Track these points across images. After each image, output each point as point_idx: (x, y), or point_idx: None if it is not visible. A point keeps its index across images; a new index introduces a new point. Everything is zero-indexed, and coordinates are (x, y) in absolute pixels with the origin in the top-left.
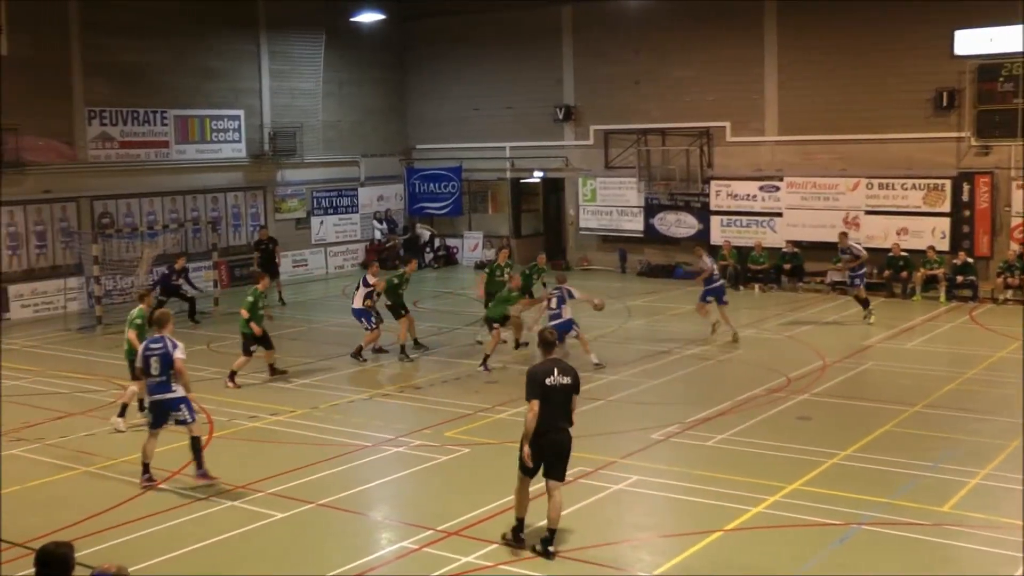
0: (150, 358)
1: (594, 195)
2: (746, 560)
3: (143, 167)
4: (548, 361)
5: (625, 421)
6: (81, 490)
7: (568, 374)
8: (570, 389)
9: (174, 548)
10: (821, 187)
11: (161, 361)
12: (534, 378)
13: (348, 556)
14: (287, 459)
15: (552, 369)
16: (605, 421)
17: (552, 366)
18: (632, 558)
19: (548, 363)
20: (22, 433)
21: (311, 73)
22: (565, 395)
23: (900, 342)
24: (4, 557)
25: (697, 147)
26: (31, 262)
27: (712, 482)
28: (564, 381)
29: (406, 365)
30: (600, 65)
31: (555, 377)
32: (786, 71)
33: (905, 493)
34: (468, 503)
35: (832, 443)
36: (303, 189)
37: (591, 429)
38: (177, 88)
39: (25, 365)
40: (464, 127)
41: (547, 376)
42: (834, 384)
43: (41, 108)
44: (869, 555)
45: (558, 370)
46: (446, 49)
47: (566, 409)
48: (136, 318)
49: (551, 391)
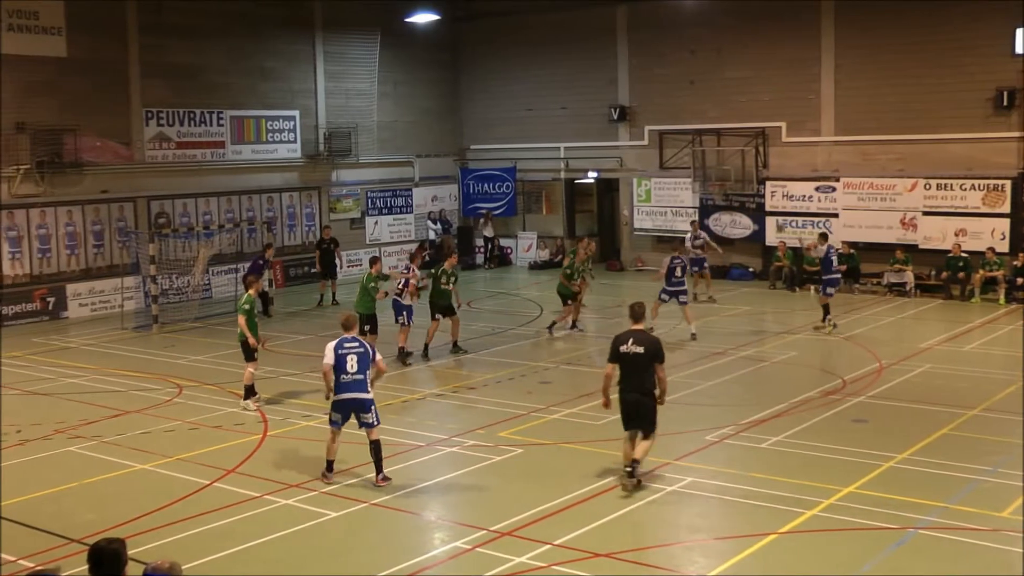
0: (346, 356)
1: (649, 195)
2: (801, 564)
3: (199, 167)
4: (628, 331)
5: (680, 423)
6: (137, 487)
7: (642, 344)
8: (644, 357)
9: (228, 546)
10: (878, 188)
11: (359, 360)
12: (613, 345)
13: (401, 556)
14: (341, 459)
15: (628, 339)
16: (660, 422)
17: (629, 336)
18: (686, 560)
19: (627, 333)
20: (79, 430)
21: (366, 73)
22: (639, 362)
23: (958, 344)
24: (62, 552)
25: (752, 147)
26: (89, 261)
27: (767, 484)
28: (637, 350)
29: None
30: (655, 65)
31: (629, 346)
32: (842, 70)
33: (963, 498)
34: (521, 503)
35: (888, 446)
36: (358, 189)
37: None
38: (233, 89)
39: (82, 363)
40: (518, 127)
41: (622, 344)
42: (890, 386)
43: (99, 109)
44: (925, 560)
45: (633, 340)
46: (500, 49)
47: (643, 374)
48: (245, 303)
49: (624, 357)
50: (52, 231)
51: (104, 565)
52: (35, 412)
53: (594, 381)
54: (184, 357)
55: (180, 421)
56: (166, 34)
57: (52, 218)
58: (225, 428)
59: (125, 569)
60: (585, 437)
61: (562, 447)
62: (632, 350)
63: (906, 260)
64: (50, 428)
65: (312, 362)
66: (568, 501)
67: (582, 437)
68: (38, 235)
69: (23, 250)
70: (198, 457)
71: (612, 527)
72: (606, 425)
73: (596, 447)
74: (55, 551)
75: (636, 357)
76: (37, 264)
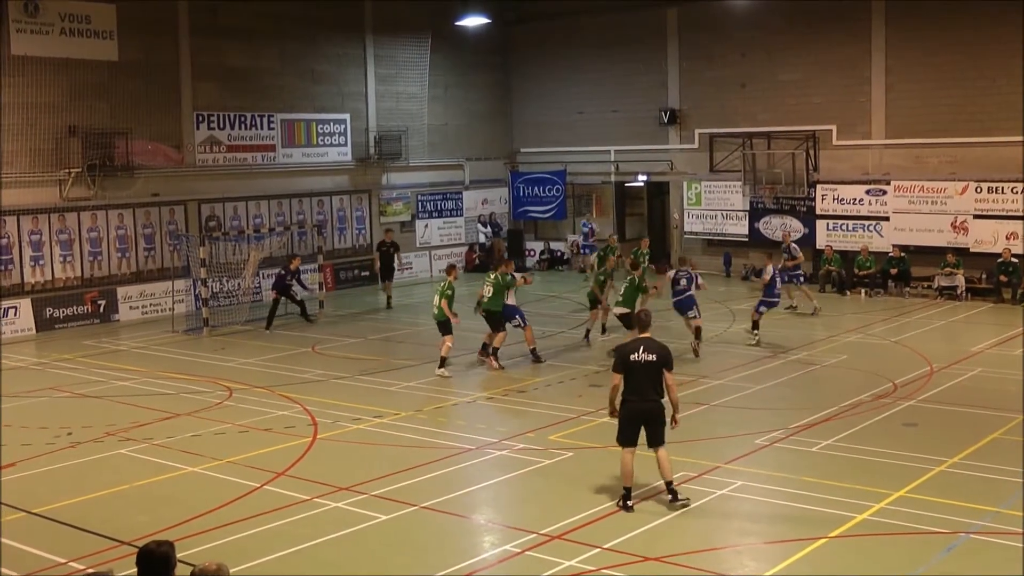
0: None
1: (699, 199)
2: (851, 568)
3: (250, 171)
4: (637, 340)
5: (729, 426)
6: (187, 489)
7: (653, 352)
8: (655, 365)
9: (278, 548)
10: (929, 191)
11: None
12: (620, 354)
13: (450, 559)
14: (390, 461)
15: (639, 347)
16: (710, 426)
17: (639, 344)
18: (735, 563)
19: (636, 341)
20: (131, 433)
21: (416, 77)
22: (650, 371)
23: (1009, 348)
24: (114, 555)
25: (803, 150)
26: (139, 264)
27: (817, 488)
28: (649, 358)
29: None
30: (705, 68)
31: (639, 354)
32: (893, 73)
33: (1015, 503)
34: (571, 507)
35: (939, 450)
36: (408, 192)
37: (696, 434)
38: (284, 92)
39: (133, 366)
40: (568, 130)
41: (632, 353)
42: (941, 390)
43: (150, 112)
44: (977, 565)
45: (644, 348)
46: (551, 52)
47: (654, 383)
48: (447, 289)
49: (635, 366)
50: (103, 234)
51: (153, 567)
52: (86, 415)
53: None
54: (234, 360)
55: (230, 424)
56: (217, 37)
57: (103, 221)
58: (275, 431)
59: (174, 572)
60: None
61: (612, 451)
62: (643, 359)
63: (957, 264)
64: (101, 431)
65: (362, 364)
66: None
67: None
68: (89, 238)
69: (74, 253)
70: (248, 460)
71: (661, 530)
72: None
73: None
74: (106, 552)
75: (648, 366)
76: (88, 267)
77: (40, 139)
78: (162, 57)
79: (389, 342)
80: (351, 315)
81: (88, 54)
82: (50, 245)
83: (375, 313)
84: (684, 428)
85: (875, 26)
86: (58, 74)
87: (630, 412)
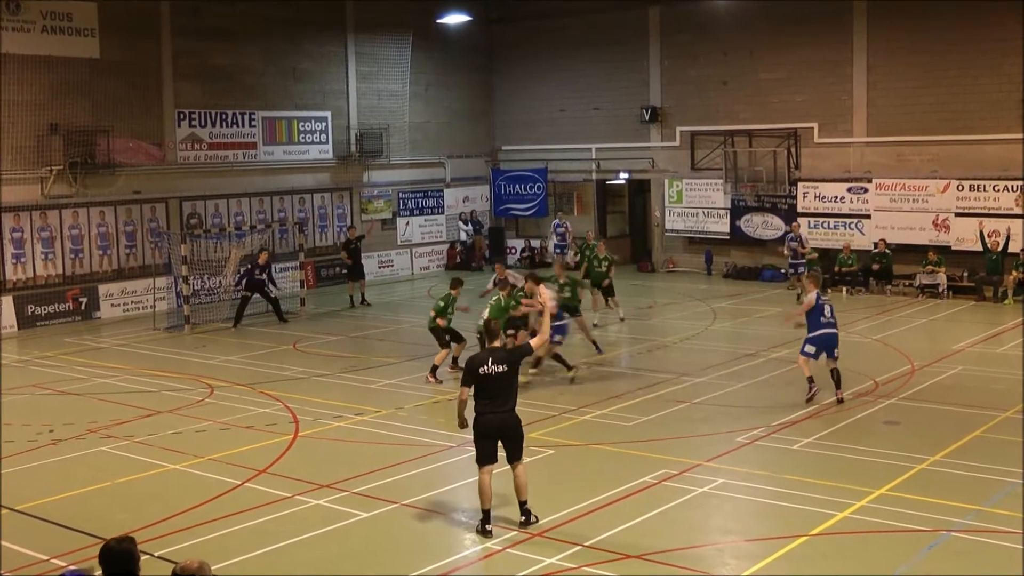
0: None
1: (680, 197)
2: (833, 566)
3: (231, 168)
4: (486, 351)
5: (710, 424)
6: (168, 487)
7: (503, 362)
8: (506, 375)
9: (259, 546)
10: (910, 189)
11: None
12: (469, 367)
13: (432, 556)
14: (372, 459)
15: (487, 359)
16: (690, 424)
17: (488, 356)
18: (717, 561)
19: (485, 352)
20: (112, 430)
21: (398, 75)
22: (502, 381)
23: (991, 346)
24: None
25: (784, 148)
26: (121, 262)
27: (798, 486)
28: (500, 369)
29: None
30: (687, 66)
31: (489, 366)
32: (875, 71)
33: (998, 501)
34: (552, 504)
35: (921, 448)
36: (389, 190)
37: (676, 432)
38: (265, 90)
39: (114, 363)
40: (550, 128)
41: (481, 365)
42: (923, 388)
43: (132, 110)
44: (959, 564)
45: (493, 359)
46: (533, 51)
47: (508, 394)
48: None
49: (486, 379)
50: (85, 232)
51: (116, 564)
52: (68, 412)
53: (626, 382)
54: (215, 357)
55: (211, 421)
56: (198, 35)
57: (85, 219)
58: (256, 428)
59: (137, 566)
60: (616, 438)
61: (594, 448)
62: (493, 370)
63: (939, 262)
64: (83, 428)
65: (343, 362)
66: (599, 502)
67: (613, 438)
68: (71, 236)
69: (56, 250)
70: (229, 457)
71: (643, 528)
72: (637, 427)
73: (627, 448)
74: (88, 550)
75: (499, 377)
76: (70, 264)
77: (21, 136)
78: (144, 54)
79: (369, 340)
80: (332, 312)
81: (70, 52)
82: (32, 242)
83: (356, 310)
84: (665, 426)
85: (857, 25)
86: (39, 72)
87: (486, 426)
